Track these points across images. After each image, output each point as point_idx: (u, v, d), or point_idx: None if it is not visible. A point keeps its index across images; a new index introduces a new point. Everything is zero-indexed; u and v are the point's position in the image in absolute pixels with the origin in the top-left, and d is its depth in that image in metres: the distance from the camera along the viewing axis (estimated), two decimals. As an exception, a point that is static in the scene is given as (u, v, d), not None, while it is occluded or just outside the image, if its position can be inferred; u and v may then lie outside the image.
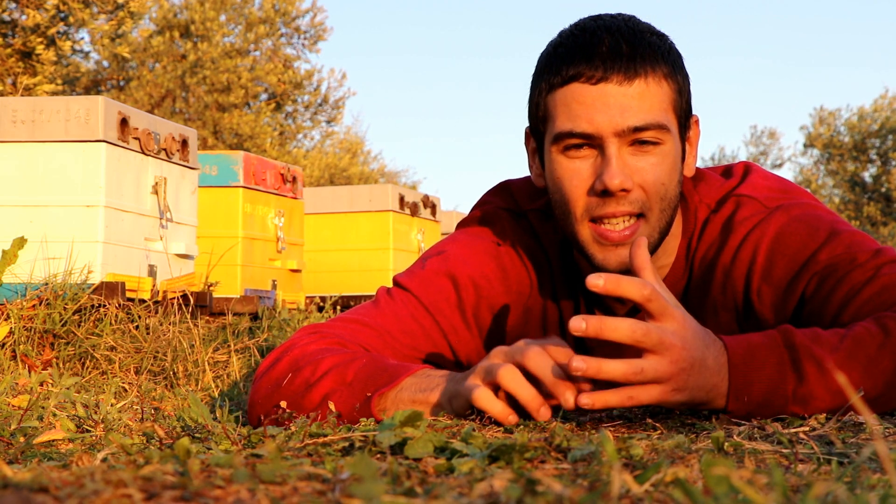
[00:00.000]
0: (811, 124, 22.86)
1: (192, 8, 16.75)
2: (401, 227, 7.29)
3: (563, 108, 1.51)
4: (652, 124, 1.49)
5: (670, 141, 1.52)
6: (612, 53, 1.48)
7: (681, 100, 1.54)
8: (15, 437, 1.46)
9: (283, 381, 1.52)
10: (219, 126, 16.55)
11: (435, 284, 1.66)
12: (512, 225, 1.72)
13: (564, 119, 1.51)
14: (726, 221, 1.62)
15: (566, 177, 1.53)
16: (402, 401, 1.40)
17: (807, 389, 1.32)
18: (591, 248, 1.54)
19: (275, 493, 0.81)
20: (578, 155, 1.52)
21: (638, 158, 1.50)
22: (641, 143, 1.50)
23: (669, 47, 1.54)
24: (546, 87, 1.54)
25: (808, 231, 1.56)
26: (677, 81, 1.53)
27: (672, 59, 1.53)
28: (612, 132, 1.48)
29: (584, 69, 1.49)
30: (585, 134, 1.49)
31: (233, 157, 5.63)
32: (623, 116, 1.48)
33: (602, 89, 1.48)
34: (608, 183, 1.48)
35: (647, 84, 1.49)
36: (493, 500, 0.77)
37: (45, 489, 0.77)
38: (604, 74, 1.48)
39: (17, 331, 3.05)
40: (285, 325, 4.16)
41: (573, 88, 1.50)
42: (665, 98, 1.51)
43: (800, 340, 1.34)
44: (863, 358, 1.34)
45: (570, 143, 1.51)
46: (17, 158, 3.81)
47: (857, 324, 1.39)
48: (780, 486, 0.73)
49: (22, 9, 9.21)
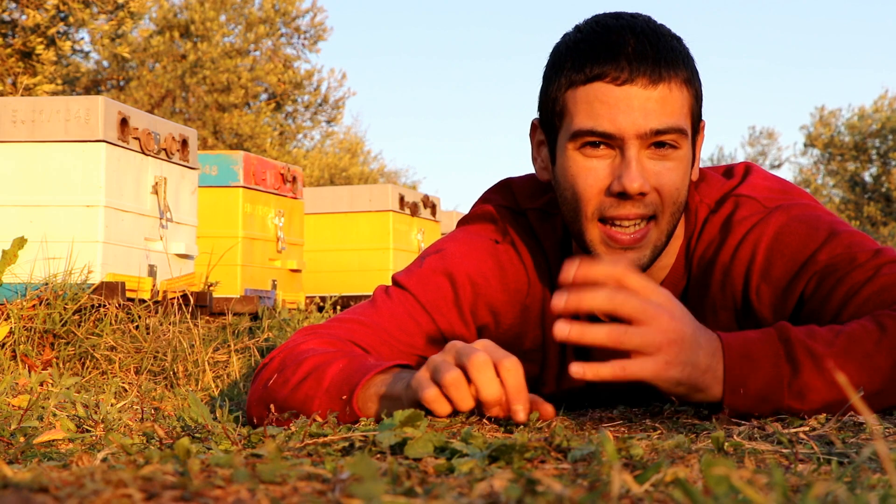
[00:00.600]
0: (811, 124, 22.87)
1: (192, 8, 16.75)
2: (401, 227, 7.29)
3: (585, 105, 1.51)
4: (673, 128, 1.50)
5: (686, 146, 1.53)
6: (638, 55, 1.49)
7: (697, 105, 1.55)
8: (15, 437, 1.46)
9: (269, 382, 1.53)
10: (219, 126, 16.55)
11: (432, 283, 1.66)
12: (511, 223, 1.72)
13: (585, 117, 1.50)
14: (725, 221, 1.62)
15: (581, 175, 1.52)
16: (369, 397, 1.41)
17: (802, 381, 1.32)
18: (599, 249, 1.54)
19: (275, 493, 0.81)
20: (596, 154, 1.51)
21: (656, 162, 1.51)
22: (659, 147, 1.51)
23: (688, 52, 1.55)
24: (566, 83, 1.53)
25: (807, 231, 1.56)
26: (695, 87, 1.55)
27: (691, 65, 1.54)
28: (634, 134, 1.48)
29: (609, 69, 1.49)
30: (607, 133, 1.49)
31: (233, 157, 5.63)
32: (646, 119, 1.48)
33: (626, 91, 1.49)
34: (627, 185, 1.48)
35: (670, 89, 1.50)
36: (493, 500, 0.77)
37: (45, 489, 0.77)
38: (629, 76, 1.48)
39: (17, 331, 3.05)
40: (285, 325, 4.16)
41: (596, 87, 1.50)
42: (685, 103, 1.52)
43: (795, 335, 1.34)
44: (859, 353, 1.34)
45: (588, 141, 1.51)
46: (17, 158, 3.81)
47: (853, 322, 1.39)
48: (780, 486, 0.73)
49: (22, 9, 9.21)
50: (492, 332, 1.68)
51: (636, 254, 1.53)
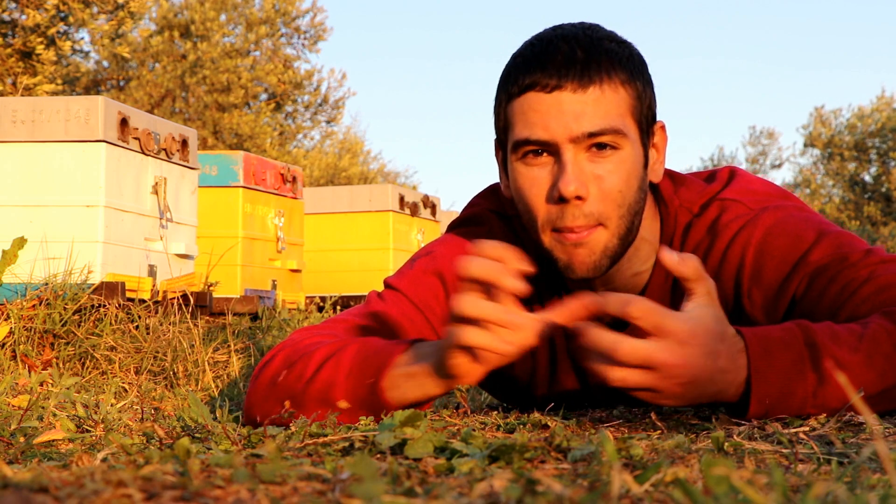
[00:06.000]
0: (811, 124, 22.87)
1: (192, 8, 16.75)
2: (401, 227, 7.29)
3: (521, 116, 1.53)
4: (608, 129, 1.50)
5: (628, 146, 1.53)
6: (567, 61, 1.50)
7: (640, 105, 1.54)
8: (15, 437, 1.46)
9: (278, 378, 1.52)
10: (219, 126, 16.56)
11: (423, 282, 1.67)
12: (499, 226, 1.73)
13: (521, 127, 1.52)
14: (711, 225, 1.62)
15: (526, 185, 1.54)
16: (397, 378, 1.43)
17: (827, 392, 1.33)
18: (555, 252, 1.55)
19: (275, 493, 0.81)
20: (537, 162, 1.53)
21: (595, 165, 1.51)
22: (599, 149, 1.51)
23: (629, 54, 1.55)
24: (505, 98, 1.56)
25: (796, 232, 1.56)
26: (636, 87, 1.54)
27: (632, 66, 1.54)
28: (567, 138, 1.49)
29: (539, 77, 1.51)
30: (541, 141, 1.51)
31: (233, 157, 5.63)
32: (578, 123, 1.49)
33: (557, 97, 1.50)
34: (563, 189, 1.49)
35: (603, 90, 1.50)
36: (493, 500, 0.77)
37: (45, 489, 0.77)
38: (558, 82, 1.50)
39: (17, 331, 3.05)
40: (285, 325, 4.16)
41: (529, 97, 1.52)
42: (622, 104, 1.52)
43: (821, 339, 1.34)
44: (881, 356, 1.34)
45: (527, 150, 1.53)
46: (17, 158, 3.81)
47: (870, 321, 1.39)
48: (780, 486, 0.73)
49: (22, 9, 9.21)
50: None
51: (586, 251, 1.53)
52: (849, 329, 1.37)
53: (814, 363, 1.32)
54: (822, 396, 1.33)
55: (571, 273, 1.54)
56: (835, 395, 1.33)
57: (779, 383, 1.31)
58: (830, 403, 1.33)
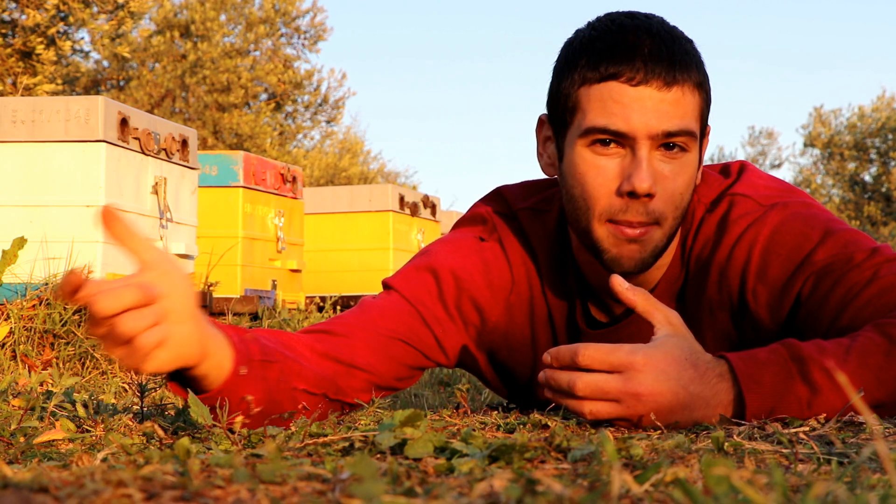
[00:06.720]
0: (811, 124, 22.88)
1: (192, 8, 16.75)
2: (401, 227, 7.29)
3: (598, 103, 1.52)
4: (683, 131, 1.51)
5: (695, 150, 1.54)
6: (654, 57, 1.50)
7: (706, 110, 1.56)
8: (15, 437, 1.46)
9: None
10: (219, 126, 16.56)
11: (416, 279, 1.67)
12: (501, 225, 1.73)
13: (598, 114, 1.51)
14: (721, 220, 1.62)
15: (591, 173, 1.53)
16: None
17: (822, 401, 1.33)
18: (605, 245, 1.54)
19: (275, 493, 0.81)
20: (606, 152, 1.52)
21: (665, 164, 1.51)
22: (669, 149, 1.51)
23: (700, 56, 1.56)
24: (580, 79, 1.54)
25: (803, 230, 1.56)
26: (706, 91, 1.56)
27: (703, 69, 1.56)
28: (646, 134, 1.49)
29: (624, 69, 1.50)
30: (619, 132, 1.50)
31: (233, 157, 5.63)
32: (659, 121, 1.49)
33: (641, 91, 1.50)
34: (637, 185, 1.48)
35: (683, 92, 1.51)
36: (493, 500, 0.77)
37: (45, 489, 0.77)
38: (644, 77, 1.49)
39: (17, 331, 3.05)
40: (285, 325, 4.16)
41: (611, 86, 1.51)
42: (696, 107, 1.53)
43: (808, 353, 1.35)
44: (872, 367, 1.35)
45: (599, 139, 1.52)
46: (17, 158, 3.81)
47: (858, 334, 1.39)
48: (780, 486, 0.73)
49: (22, 9, 9.21)
50: (479, 329, 1.69)
51: (639, 248, 1.53)
52: (836, 342, 1.38)
53: (803, 376, 1.33)
54: (818, 406, 1.33)
55: (617, 266, 1.54)
56: (829, 404, 1.33)
57: (771, 399, 1.32)
58: (827, 414, 1.33)
